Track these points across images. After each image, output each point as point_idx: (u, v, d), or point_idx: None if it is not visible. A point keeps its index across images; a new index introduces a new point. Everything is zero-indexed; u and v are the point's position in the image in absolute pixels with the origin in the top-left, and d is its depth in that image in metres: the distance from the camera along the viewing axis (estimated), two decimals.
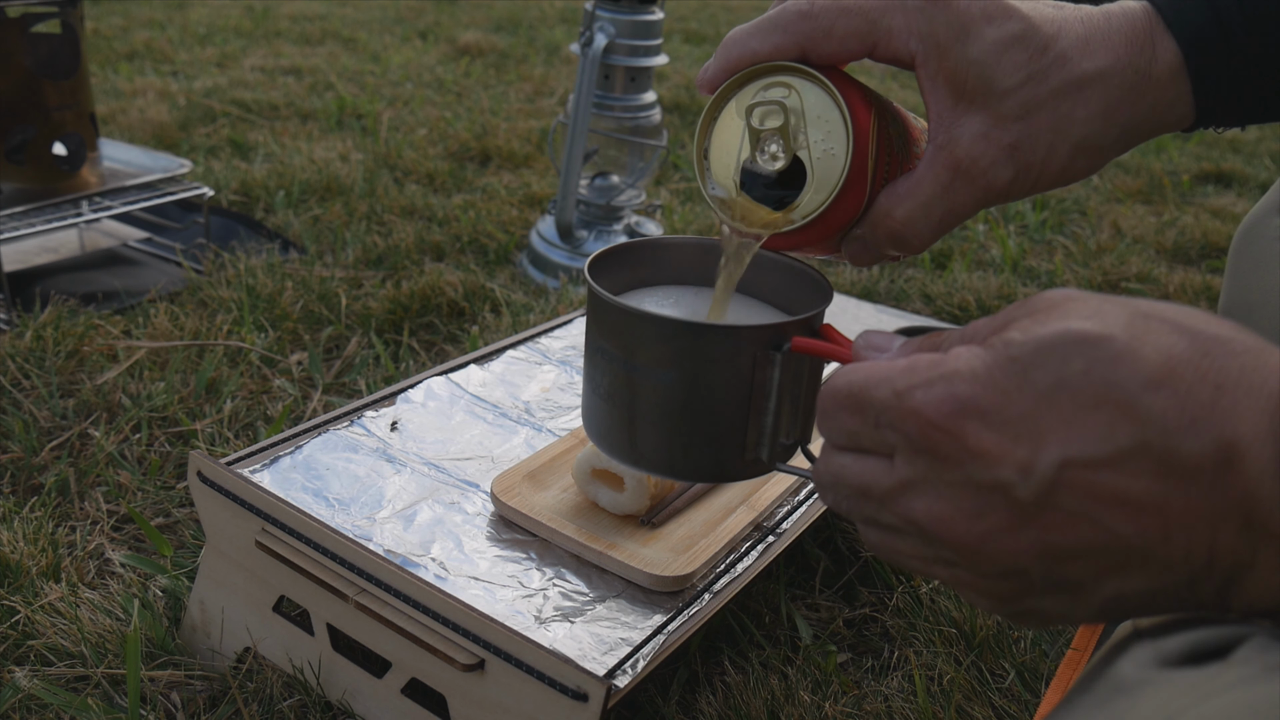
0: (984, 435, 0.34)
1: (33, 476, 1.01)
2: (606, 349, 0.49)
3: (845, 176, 0.45)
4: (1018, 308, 0.37)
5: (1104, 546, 0.33)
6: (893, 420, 0.36)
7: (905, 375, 0.36)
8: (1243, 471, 0.31)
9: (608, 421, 0.50)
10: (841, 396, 0.38)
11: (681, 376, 0.46)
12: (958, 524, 0.35)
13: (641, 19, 1.45)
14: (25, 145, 1.35)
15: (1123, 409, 0.32)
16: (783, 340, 0.46)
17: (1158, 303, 0.35)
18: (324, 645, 0.73)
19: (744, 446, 0.48)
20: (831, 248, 0.50)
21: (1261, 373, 0.32)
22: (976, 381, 0.34)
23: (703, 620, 0.68)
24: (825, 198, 0.46)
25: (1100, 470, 0.32)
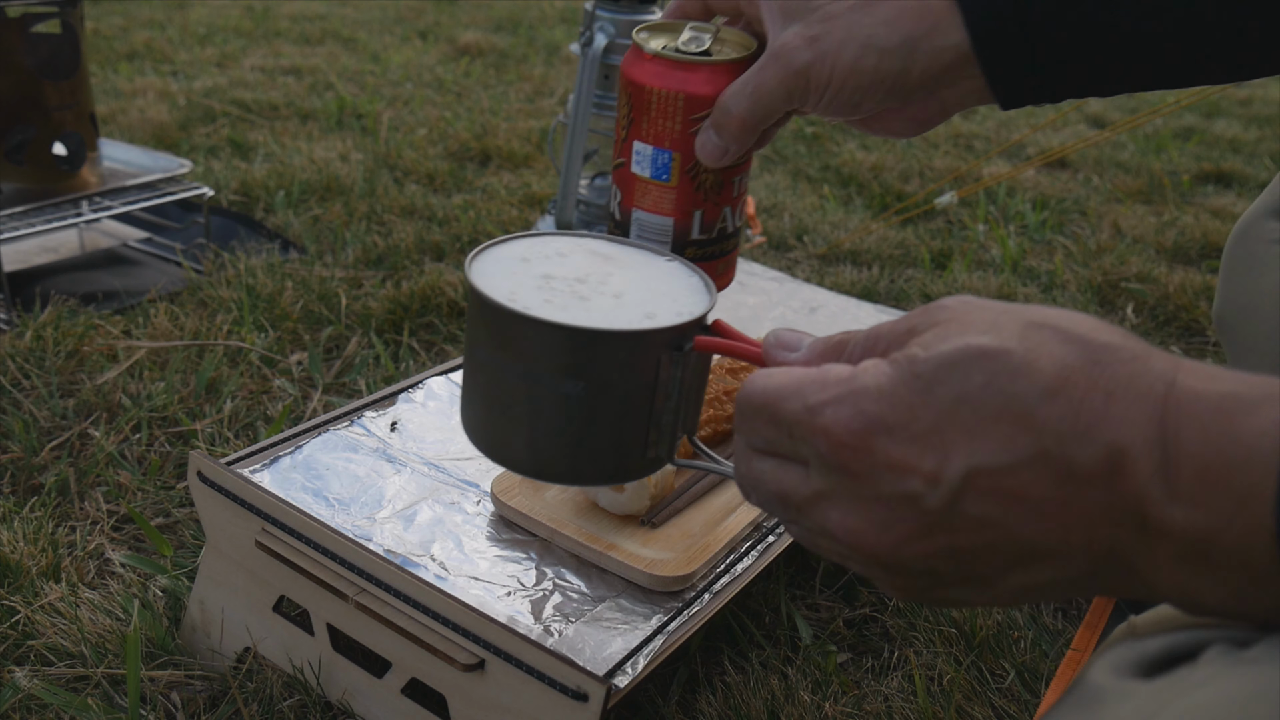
0: (892, 450, 0.36)
1: (33, 476, 1.01)
2: (500, 360, 0.47)
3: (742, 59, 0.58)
4: (919, 316, 0.39)
5: (1009, 546, 0.35)
6: (805, 435, 0.38)
7: (816, 390, 0.37)
8: (1132, 475, 0.33)
9: (502, 433, 0.49)
10: (757, 405, 0.40)
11: (588, 386, 0.46)
12: (870, 535, 0.37)
13: (641, 19, 1.45)
14: (25, 145, 1.35)
15: (1021, 419, 0.34)
16: (685, 340, 0.47)
17: (1050, 310, 0.37)
18: (324, 645, 0.73)
19: (645, 445, 0.49)
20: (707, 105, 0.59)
21: (1147, 379, 0.34)
22: (883, 398, 0.36)
23: (703, 620, 0.68)
24: (734, 56, 0.58)
25: (1002, 478, 0.34)
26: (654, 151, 0.59)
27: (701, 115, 0.58)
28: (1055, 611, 0.93)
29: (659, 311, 0.49)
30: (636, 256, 0.54)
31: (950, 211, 2.00)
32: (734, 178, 0.61)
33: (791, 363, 0.43)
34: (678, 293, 0.51)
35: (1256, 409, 0.32)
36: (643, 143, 0.60)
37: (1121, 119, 2.94)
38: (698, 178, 0.60)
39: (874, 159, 2.32)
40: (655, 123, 0.59)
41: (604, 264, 0.52)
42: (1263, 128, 3.05)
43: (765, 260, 1.70)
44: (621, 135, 0.61)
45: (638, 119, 0.59)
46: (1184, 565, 0.33)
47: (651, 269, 0.53)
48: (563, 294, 0.49)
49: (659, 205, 0.60)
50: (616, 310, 0.48)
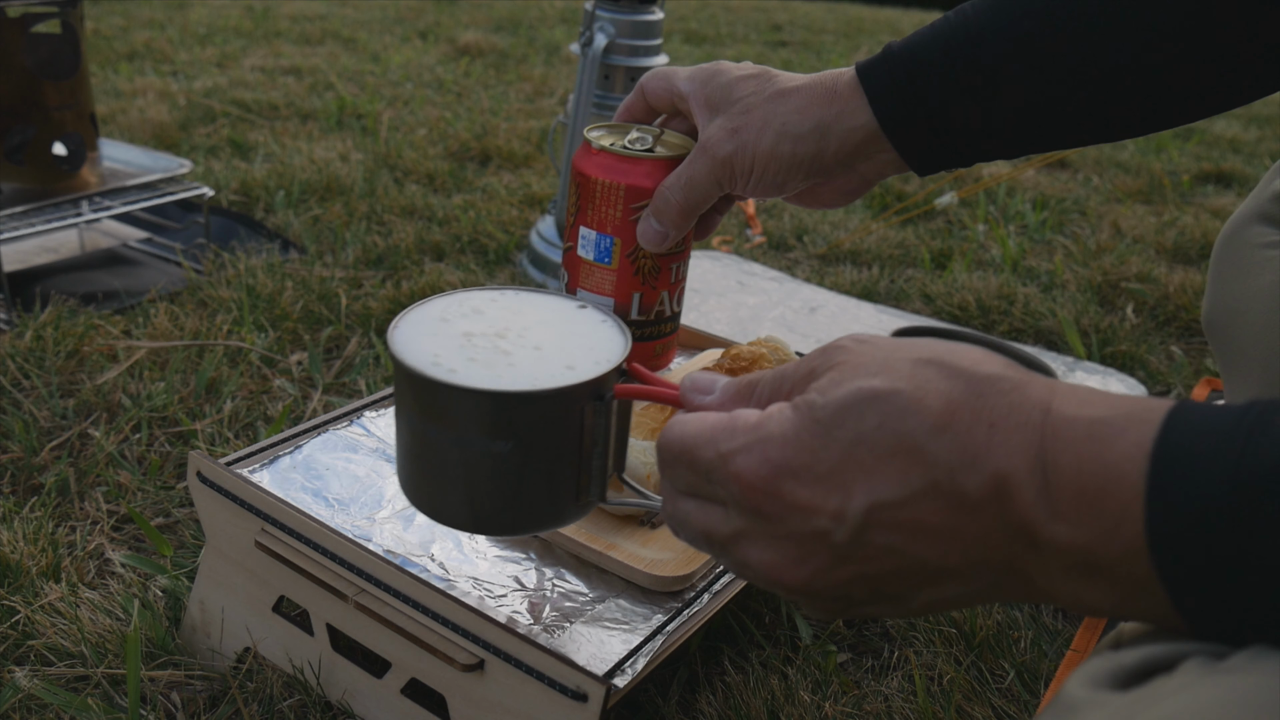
0: (799, 492, 0.38)
1: (33, 476, 1.01)
2: (430, 426, 0.49)
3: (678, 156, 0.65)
4: (818, 358, 0.42)
5: (914, 569, 0.38)
6: (719, 480, 0.41)
7: (727, 437, 0.40)
8: (1017, 499, 0.35)
9: (439, 494, 0.51)
10: (676, 451, 0.43)
11: (518, 444, 0.48)
12: (786, 570, 0.40)
13: (641, 19, 1.45)
14: (25, 145, 1.35)
15: (914, 455, 0.37)
16: (606, 389, 0.49)
17: (937, 345, 0.40)
18: (324, 645, 0.73)
19: (578, 491, 0.51)
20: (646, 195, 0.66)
21: (1025, 408, 0.36)
22: (788, 444, 0.39)
23: (703, 620, 0.68)
24: (671, 154, 0.65)
25: (901, 509, 0.37)
26: (597, 237, 0.65)
27: (641, 205, 0.65)
28: (1055, 612, 0.93)
29: (578, 362, 0.51)
30: (550, 307, 0.57)
31: (950, 211, 2.00)
32: (671, 264, 0.68)
33: (706, 406, 0.45)
34: (594, 341, 0.54)
35: (1123, 434, 0.34)
36: (588, 228, 0.65)
37: None
38: (637, 262, 0.66)
39: None
40: (599, 210, 0.65)
41: (520, 317, 0.55)
42: (1263, 128, 3.05)
43: (765, 260, 1.70)
44: (570, 221, 0.68)
45: (584, 207, 0.66)
46: (1073, 576, 0.36)
47: (566, 318, 0.56)
48: (485, 350, 0.51)
49: (601, 286, 0.66)
50: (539, 364, 0.50)
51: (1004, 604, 0.34)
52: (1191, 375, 1.39)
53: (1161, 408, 0.35)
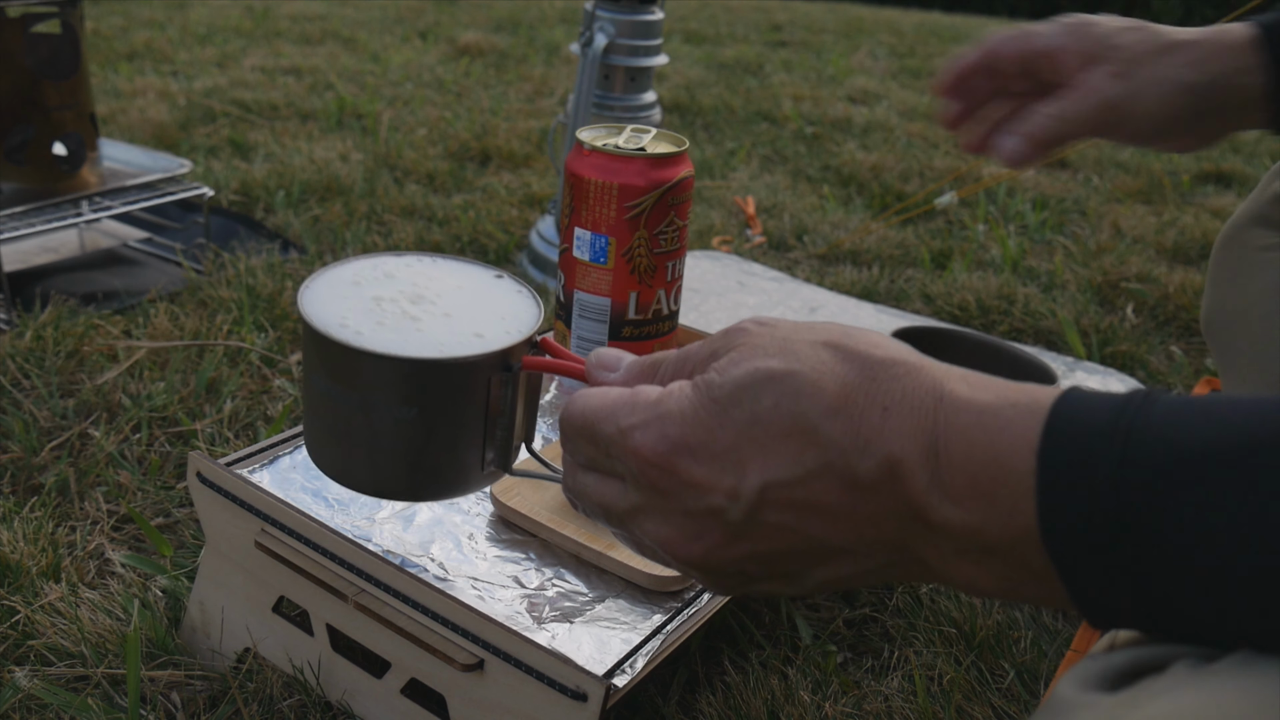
0: (694, 469, 0.39)
1: (33, 476, 1.01)
2: (336, 390, 0.49)
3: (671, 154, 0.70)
4: (720, 339, 0.42)
5: (808, 547, 0.39)
6: (618, 455, 0.41)
7: (627, 413, 0.41)
8: (909, 482, 0.36)
9: (342, 457, 0.51)
10: (577, 425, 0.43)
11: (422, 411, 0.48)
12: (681, 545, 0.40)
13: (641, 19, 1.45)
14: (25, 145, 1.35)
15: (808, 436, 0.37)
16: (514, 360, 0.49)
17: (836, 329, 0.40)
18: (324, 645, 0.73)
19: (483, 461, 0.51)
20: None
21: (919, 393, 0.37)
22: (685, 422, 0.39)
23: (702, 620, 0.68)
24: (665, 151, 0.68)
25: (794, 489, 0.37)
26: (592, 237, 0.66)
27: (634, 204, 0.63)
28: (1055, 612, 0.93)
29: (488, 330, 0.50)
30: (465, 274, 0.56)
31: (950, 211, 2.00)
32: (668, 262, 0.68)
33: (610, 383, 0.46)
34: (506, 310, 0.53)
35: (1010, 425, 0.35)
36: (583, 229, 0.66)
37: None
38: (633, 261, 0.67)
39: (874, 159, 2.32)
40: (594, 210, 0.66)
41: (434, 284, 0.54)
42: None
43: (765, 260, 1.70)
44: (564, 223, 0.67)
45: (578, 207, 0.67)
46: (964, 558, 0.36)
47: (480, 287, 0.55)
48: (394, 315, 0.50)
49: (597, 287, 0.66)
50: (447, 331, 0.50)
51: (899, 583, 0.35)
52: (1191, 375, 1.39)
53: (1048, 398, 0.35)
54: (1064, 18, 0.65)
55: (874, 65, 3.73)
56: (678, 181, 0.74)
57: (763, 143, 2.48)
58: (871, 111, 2.88)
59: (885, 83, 3.37)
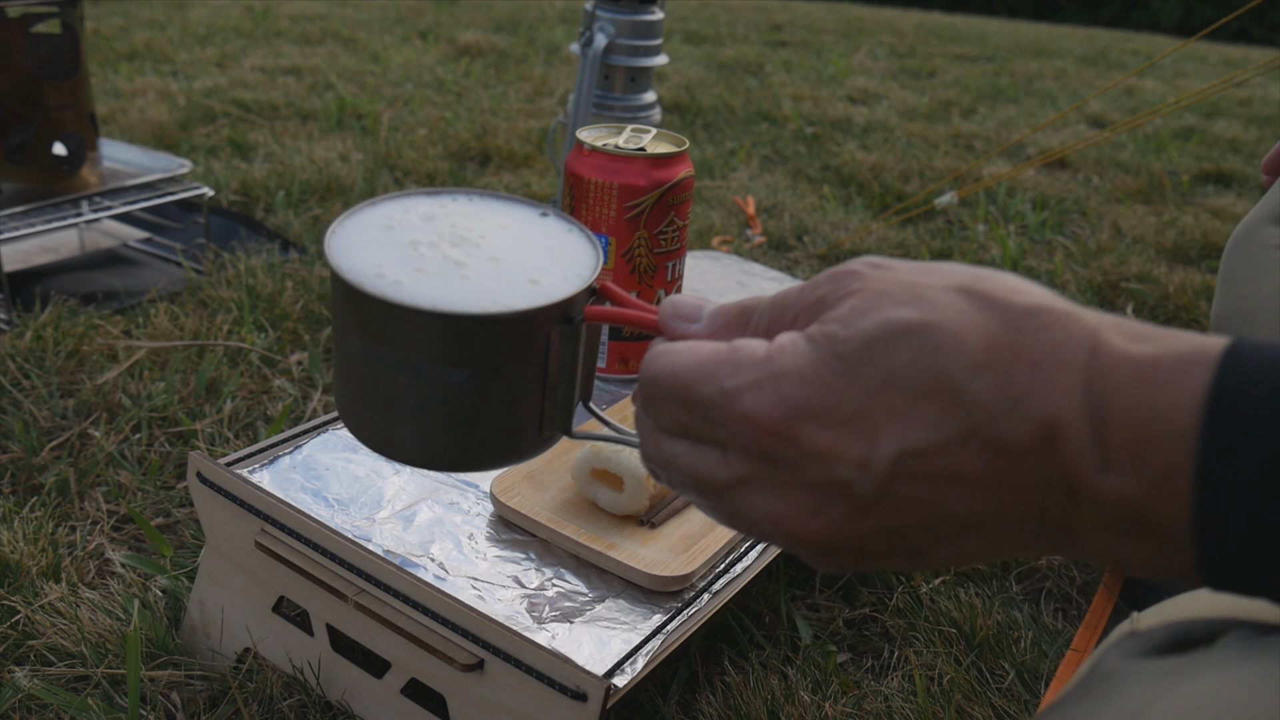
0: (818, 436, 0.34)
1: (33, 476, 1.01)
2: (374, 351, 0.43)
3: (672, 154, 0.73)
4: (827, 284, 0.37)
5: (940, 521, 0.35)
6: (722, 420, 0.36)
7: (731, 373, 0.36)
8: (1064, 446, 0.32)
9: (385, 425, 0.45)
10: (666, 387, 0.37)
11: (475, 373, 0.42)
12: (798, 522, 0.36)
13: (641, 19, 1.45)
14: (25, 145, 1.35)
15: (949, 396, 0.33)
16: (575, 312, 0.43)
17: (968, 271, 0.36)
18: (324, 645, 0.73)
19: (541, 424, 0.46)
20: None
21: (1071, 345, 0.33)
22: (806, 382, 0.34)
23: (702, 620, 0.68)
24: (665, 151, 0.70)
25: (933, 457, 0.33)
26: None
27: (634, 204, 0.63)
28: (1055, 611, 0.93)
29: (543, 276, 0.44)
30: (509, 212, 0.49)
31: (950, 211, 2.00)
32: (668, 262, 0.68)
33: (692, 335, 0.41)
34: (561, 251, 0.46)
35: (1175, 379, 0.32)
36: None
37: (1121, 119, 2.95)
38: (633, 261, 0.66)
39: (874, 159, 2.32)
40: (594, 210, 0.66)
41: (475, 223, 0.48)
42: (1263, 128, 3.05)
43: (765, 260, 1.70)
44: None
45: (578, 207, 0.67)
46: (1110, 531, 0.33)
47: (527, 225, 0.48)
48: (435, 261, 0.44)
49: None
50: (497, 278, 0.44)
51: (1026, 558, 0.31)
52: None
53: (1217, 348, 0.32)
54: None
55: (874, 65, 3.73)
56: (678, 181, 0.74)
57: (763, 143, 2.48)
58: (871, 111, 2.88)
59: (885, 83, 3.37)
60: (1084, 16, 7.70)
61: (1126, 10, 8.08)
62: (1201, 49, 4.98)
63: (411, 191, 0.49)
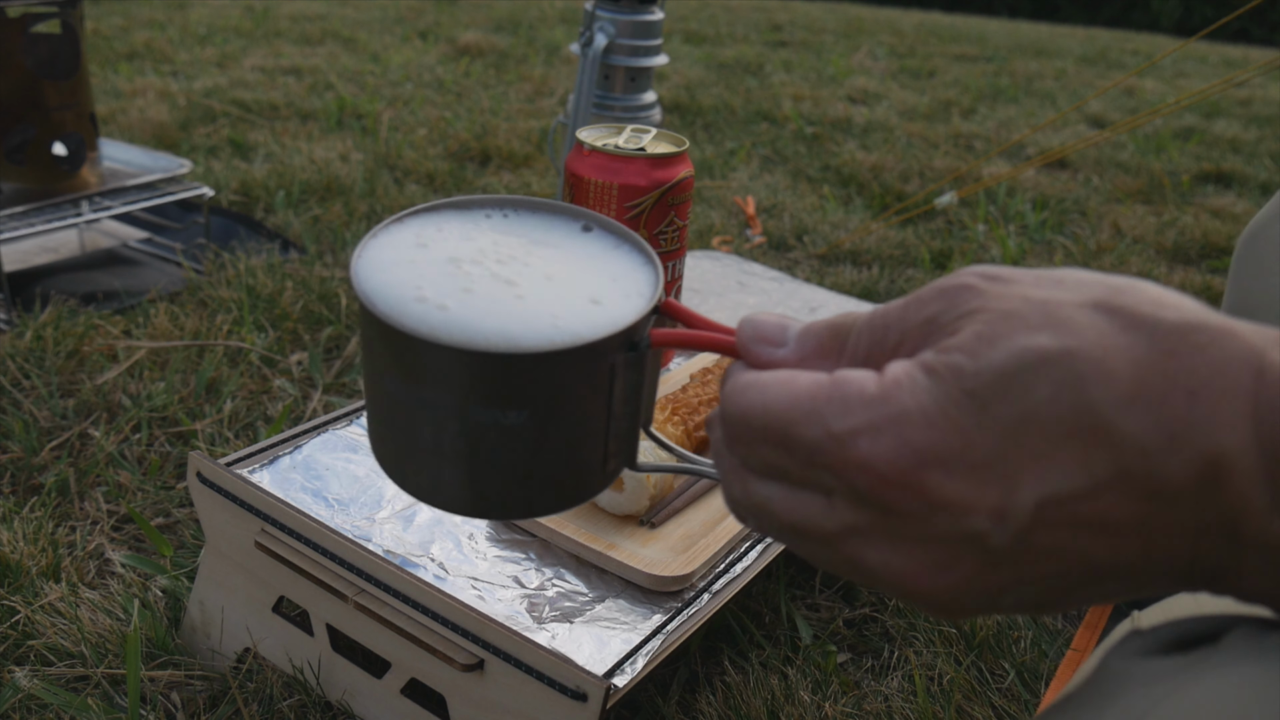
0: (948, 486, 0.30)
1: (33, 476, 1.01)
2: (418, 393, 0.37)
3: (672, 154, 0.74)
4: (938, 301, 0.33)
5: (1079, 570, 0.31)
6: (831, 466, 0.32)
7: (840, 413, 0.31)
8: (1228, 486, 0.29)
9: (431, 474, 0.40)
10: (758, 427, 0.33)
11: (535, 412, 0.37)
12: (922, 577, 0.32)
13: (641, 19, 1.45)
14: (25, 145, 1.35)
15: (1096, 435, 0.29)
16: (640, 337, 0.39)
17: (1102, 284, 0.32)
18: (324, 645, 0.73)
19: (605, 458, 0.41)
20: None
21: (1233, 369, 0.29)
22: (932, 425, 0.30)
23: (702, 620, 0.68)
24: (665, 151, 0.71)
25: (1077, 504, 0.30)
26: None
27: (634, 204, 0.63)
28: None
29: (604, 296, 0.39)
30: (550, 226, 0.44)
31: (950, 211, 2.00)
32: (668, 262, 0.69)
33: (779, 361, 0.36)
34: (616, 268, 0.41)
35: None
36: None
37: (1121, 119, 2.95)
38: None
39: (874, 159, 2.32)
40: (593, 210, 0.66)
41: (515, 238, 0.43)
42: (1263, 128, 3.05)
43: (765, 260, 1.70)
44: None
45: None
46: (1277, 572, 0.30)
47: (573, 239, 0.43)
48: (484, 281, 0.39)
49: None
50: (555, 298, 0.38)
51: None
52: None
53: None
54: None
55: (874, 65, 3.73)
56: (678, 181, 0.74)
57: (763, 143, 2.48)
58: (871, 111, 2.88)
59: (885, 83, 3.37)
60: (1084, 16, 7.70)
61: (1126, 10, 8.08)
62: (1201, 49, 4.98)
63: (437, 206, 0.43)
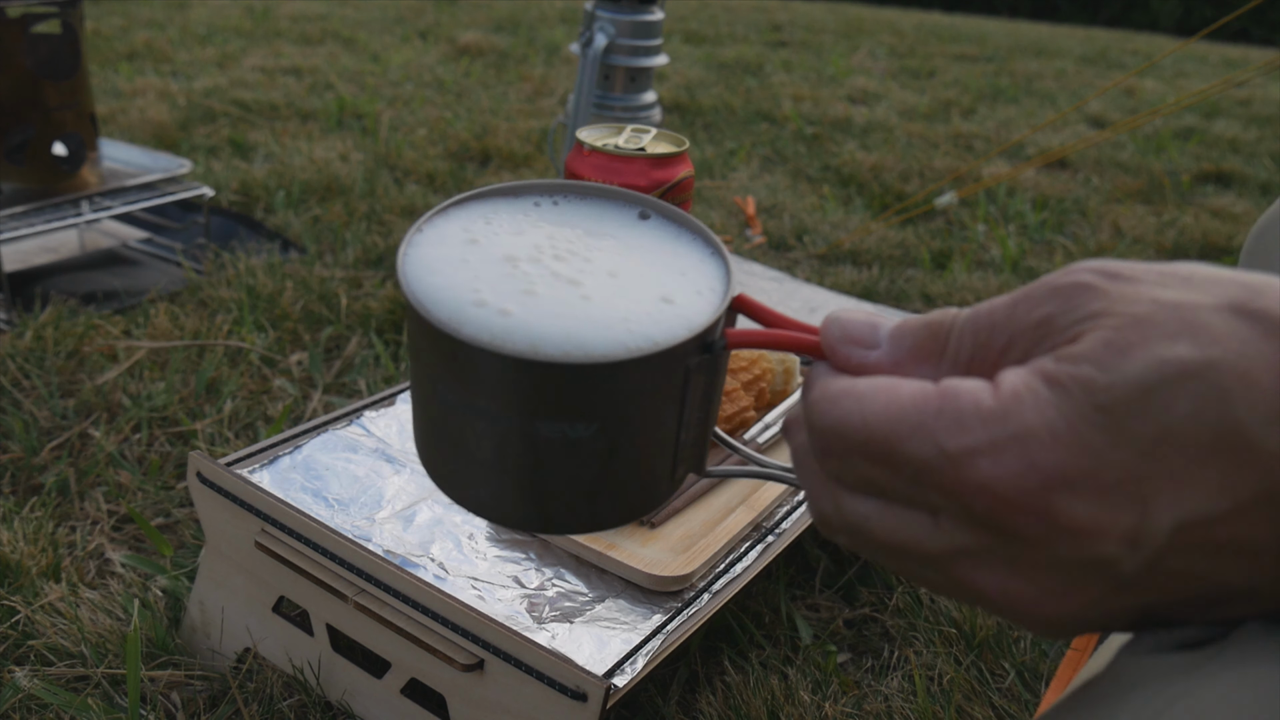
0: (1077, 509, 0.28)
1: (33, 476, 1.01)
2: (478, 405, 0.34)
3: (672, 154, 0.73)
4: (1053, 302, 0.30)
5: (1209, 594, 0.29)
6: (943, 486, 0.29)
7: (953, 429, 0.29)
8: None
9: (491, 489, 0.37)
10: (857, 441, 0.30)
11: (605, 424, 0.35)
12: (1042, 604, 0.30)
13: (641, 19, 1.45)
14: (25, 145, 1.35)
15: (1241, 454, 0.27)
16: (715, 338, 0.36)
17: (1232, 283, 0.29)
18: (324, 645, 0.73)
19: (674, 466, 0.38)
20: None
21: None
22: (1060, 445, 0.28)
23: (702, 620, 0.68)
24: (665, 151, 0.70)
25: (1218, 527, 0.27)
26: None
27: None
28: None
29: (675, 293, 0.36)
30: (602, 213, 0.41)
31: (950, 211, 2.00)
32: None
33: (871, 365, 0.33)
34: (682, 261, 0.38)
35: None
36: None
37: (1121, 119, 2.95)
38: None
39: (874, 159, 2.32)
40: None
41: (570, 230, 0.39)
42: (1263, 128, 3.05)
43: (765, 260, 1.70)
44: None
45: None
46: None
47: (631, 229, 0.40)
48: (545, 281, 0.36)
49: None
50: (624, 297, 0.36)
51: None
52: None
53: None
54: None
55: (874, 65, 3.73)
56: (678, 181, 0.74)
57: (763, 143, 2.48)
58: (871, 111, 2.88)
59: (885, 83, 3.37)
60: (1084, 16, 7.70)
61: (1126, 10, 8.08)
62: (1201, 49, 4.98)
63: (482, 194, 0.40)
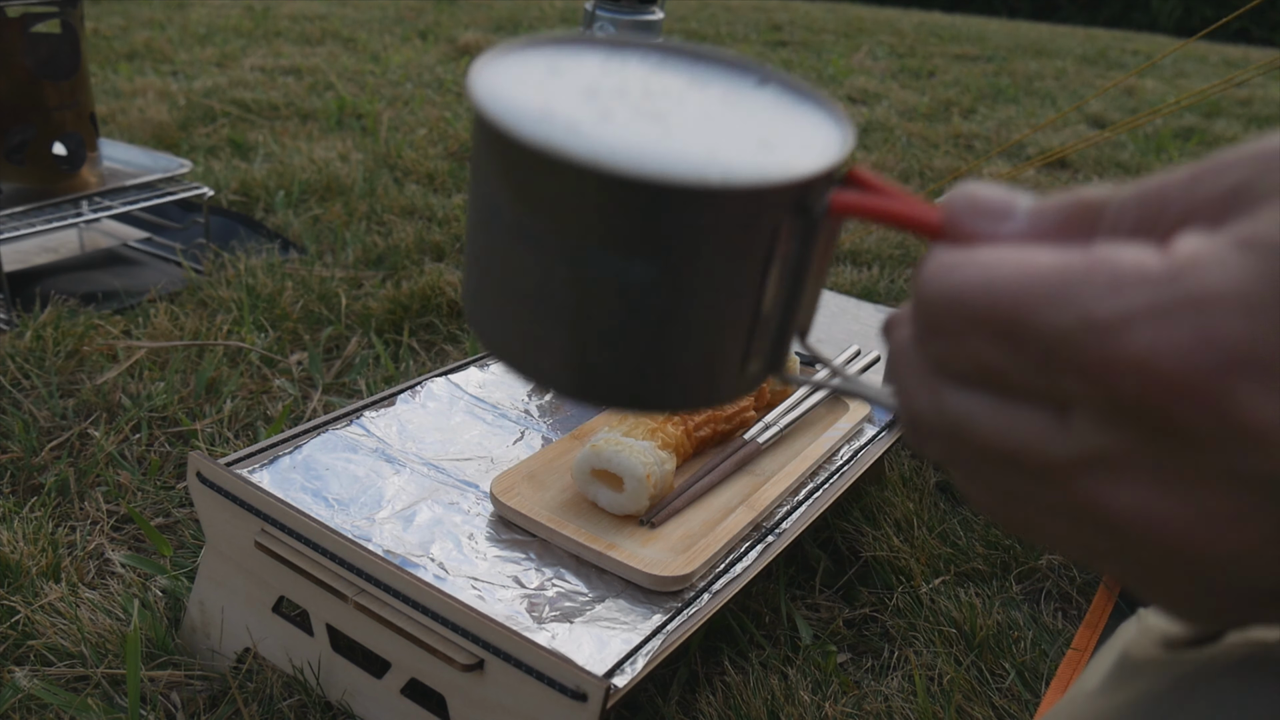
0: (1263, 402, 0.21)
1: (33, 476, 1.01)
2: (528, 225, 0.30)
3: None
4: (1247, 165, 0.24)
5: None
6: (1083, 364, 0.22)
7: (1105, 292, 0.22)
8: None
9: (531, 334, 0.32)
10: (978, 309, 0.24)
11: (668, 268, 0.29)
12: (1198, 531, 0.23)
13: (641, 19, 1.45)
14: (25, 145, 1.35)
15: None
16: (815, 200, 0.30)
17: None
18: (323, 645, 0.73)
19: (747, 355, 0.32)
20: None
21: None
22: (1250, 313, 0.21)
23: (702, 620, 0.68)
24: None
25: None
26: None
27: None
28: (1055, 611, 0.93)
29: (778, 140, 0.31)
30: (711, 72, 0.34)
31: None
32: None
33: (1008, 237, 0.26)
34: (793, 120, 0.32)
35: None
36: None
37: (1121, 119, 2.95)
38: None
39: (874, 159, 2.32)
40: None
41: (670, 74, 0.33)
42: (1262, 128, 3.06)
43: None
44: None
45: None
46: None
47: (740, 87, 0.34)
48: (625, 110, 0.31)
49: None
50: (714, 134, 0.30)
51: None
52: None
53: None
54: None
55: (874, 65, 3.73)
56: None
57: None
58: (871, 111, 2.88)
59: (885, 83, 3.37)
60: (1084, 16, 7.70)
61: (1126, 10, 8.09)
62: (1201, 49, 4.99)
63: (577, 38, 0.34)
